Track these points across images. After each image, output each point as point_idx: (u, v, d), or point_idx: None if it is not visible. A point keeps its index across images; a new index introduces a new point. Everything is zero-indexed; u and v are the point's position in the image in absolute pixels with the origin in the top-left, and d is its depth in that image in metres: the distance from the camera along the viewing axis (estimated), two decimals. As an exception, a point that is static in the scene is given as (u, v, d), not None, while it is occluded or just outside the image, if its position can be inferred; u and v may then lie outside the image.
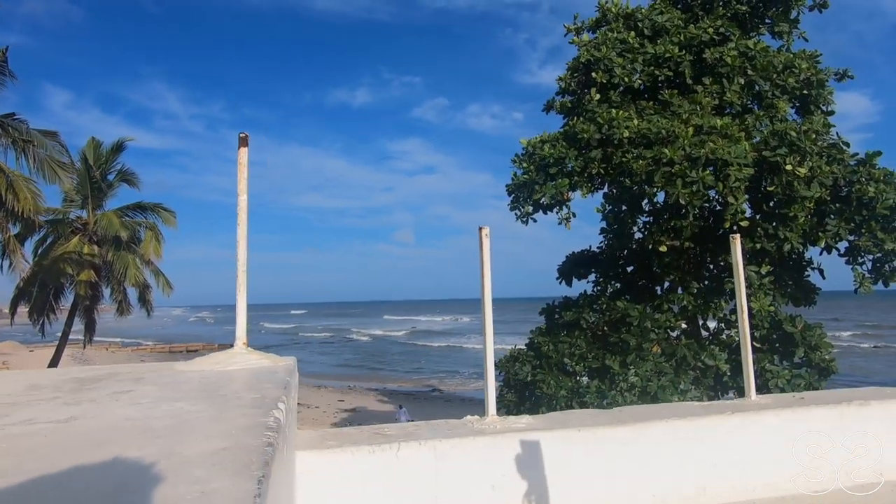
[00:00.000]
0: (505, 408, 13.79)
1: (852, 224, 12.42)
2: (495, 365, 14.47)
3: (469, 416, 4.12)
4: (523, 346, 14.82)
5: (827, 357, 12.55)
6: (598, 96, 14.15)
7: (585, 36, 15.67)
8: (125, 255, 28.87)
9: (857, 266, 12.79)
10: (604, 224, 15.65)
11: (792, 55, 14.38)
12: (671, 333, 13.83)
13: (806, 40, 15.47)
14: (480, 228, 4.10)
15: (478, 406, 4.07)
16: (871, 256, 12.62)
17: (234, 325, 3.66)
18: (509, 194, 13.98)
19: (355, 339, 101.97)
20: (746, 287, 5.67)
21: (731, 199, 11.96)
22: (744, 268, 4.82)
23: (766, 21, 15.77)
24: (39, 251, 29.07)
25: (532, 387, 13.39)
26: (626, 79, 14.19)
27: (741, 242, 4.84)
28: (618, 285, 15.91)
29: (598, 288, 16.01)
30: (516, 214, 13.84)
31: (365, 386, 48.87)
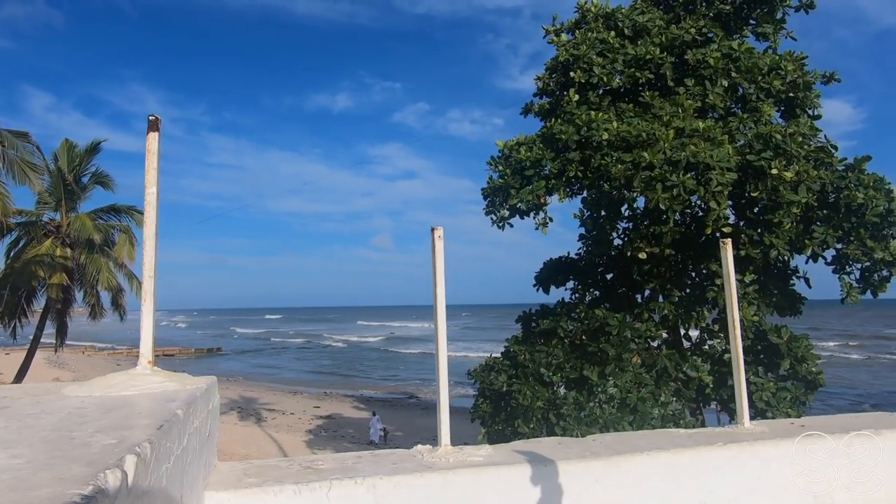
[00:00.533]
0: (480, 418, 13.44)
1: (840, 231, 11.95)
2: (469, 374, 14.18)
3: (419, 446, 3.54)
4: (499, 355, 14.32)
5: (814, 369, 12.13)
6: (576, 97, 13.70)
7: (564, 37, 15.23)
8: (98, 258, 28.52)
9: (844, 275, 12.36)
10: (582, 230, 15.20)
11: (777, 57, 13.94)
12: (652, 343, 13.46)
13: (794, 39, 15.10)
14: (433, 229, 3.54)
15: (455, 414, 3.49)
16: (859, 265, 12.17)
17: (210, 330, 3.08)
18: (485, 198, 13.53)
19: (331, 344, 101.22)
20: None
21: (713, 205, 11.52)
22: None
23: (751, 22, 15.38)
24: (12, 254, 28.57)
25: (508, 397, 12.90)
26: (606, 79, 13.75)
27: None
28: (597, 293, 15.48)
29: (577, 296, 15.59)
30: (492, 219, 13.43)
31: (341, 392, 48.42)
